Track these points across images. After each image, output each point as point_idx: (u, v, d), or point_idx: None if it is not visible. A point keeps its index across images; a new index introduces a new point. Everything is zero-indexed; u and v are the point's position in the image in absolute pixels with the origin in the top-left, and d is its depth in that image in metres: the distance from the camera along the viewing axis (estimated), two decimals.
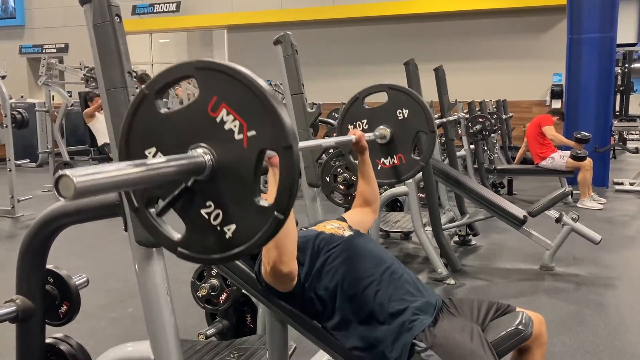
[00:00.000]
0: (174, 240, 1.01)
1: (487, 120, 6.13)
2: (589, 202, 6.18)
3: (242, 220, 0.95)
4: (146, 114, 1.00)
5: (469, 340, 1.51)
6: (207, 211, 0.98)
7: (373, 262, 1.65)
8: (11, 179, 5.74)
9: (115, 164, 0.80)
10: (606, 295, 3.49)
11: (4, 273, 3.88)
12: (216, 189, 0.96)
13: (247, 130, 0.92)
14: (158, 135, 1.00)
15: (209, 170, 0.95)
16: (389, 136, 2.25)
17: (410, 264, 4.13)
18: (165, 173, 0.89)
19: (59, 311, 1.68)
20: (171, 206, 1.00)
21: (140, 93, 1.00)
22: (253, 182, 0.94)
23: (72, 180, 0.71)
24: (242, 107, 0.92)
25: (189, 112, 0.97)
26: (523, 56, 12.71)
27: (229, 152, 0.94)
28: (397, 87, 2.30)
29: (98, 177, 0.75)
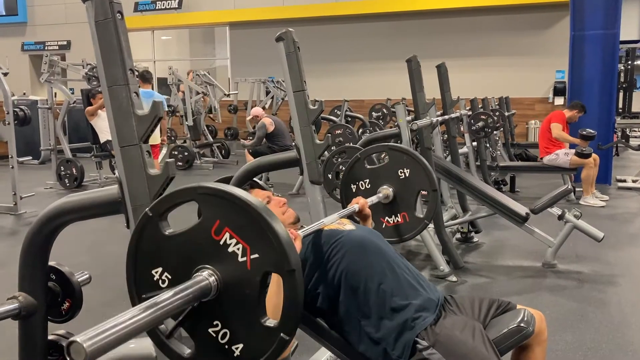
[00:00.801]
0: (184, 357, 1.02)
1: (490, 118, 6.12)
2: (592, 199, 6.17)
3: (249, 340, 0.97)
4: (151, 236, 1.03)
5: (471, 338, 1.51)
6: (214, 330, 1.00)
7: (375, 254, 1.65)
8: (13, 176, 5.75)
9: (123, 315, 0.82)
10: (608, 292, 3.49)
11: (7, 270, 3.90)
12: (223, 309, 0.98)
13: (250, 254, 0.95)
14: (164, 256, 1.02)
15: (215, 291, 0.97)
16: (391, 196, 2.27)
17: (412, 261, 4.13)
18: (173, 307, 0.91)
19: (61, 308, 1.68)
20: (180, 327, 1.02)
21: (144, 215, 1.02)
22: (258, 303, 0.96)
23: (82, 346, 0.73)
24: (245, 231, 0.95)
25: (193, 234, 1.00)
26: (526, 53, 12.69)
27: (234, 273, 0.96)
28: (397, 147, 2.34)
29: (107, 336, 0.79)
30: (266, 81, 11.95)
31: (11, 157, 5.81)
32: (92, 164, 7.73)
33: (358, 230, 1.74)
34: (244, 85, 12.28)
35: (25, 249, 1.58)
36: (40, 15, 16.42)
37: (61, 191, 7.15)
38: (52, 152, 7.79)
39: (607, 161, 7.41)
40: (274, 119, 7.29)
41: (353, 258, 1.62)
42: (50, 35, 16.12)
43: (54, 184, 7.40)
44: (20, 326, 1.62)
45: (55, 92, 7.95)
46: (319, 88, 10.37)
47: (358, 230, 1.74)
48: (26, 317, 1.59)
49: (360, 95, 12.86)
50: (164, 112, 2.13)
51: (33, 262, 1.60)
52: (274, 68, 9.32)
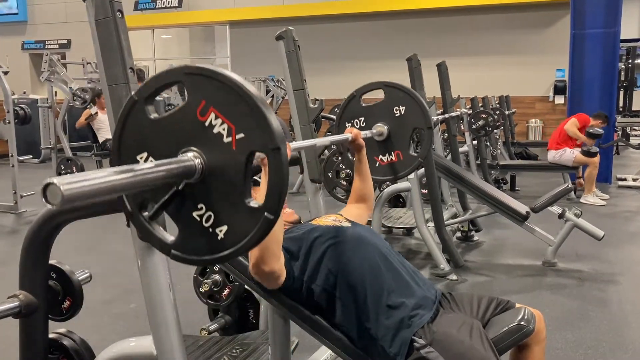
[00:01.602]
0: (167, 242, 1.02)
1: (490, 116, 6.11)
2: (592, 198, 6.17)
3: (233, 222, 0.96)
4: (137, 120, 1.02)
5: (468, 336, 1.51)
6: (198, 213, 0.99)
7: (371, 252, 1.65)
8: (14, 174, 5.75)
9: (103, 170, 0.81)
10: (609, 291, 3.49)
11: (7, 268, 3.90)
12: (207, 192, 0.97)
13: (235, 133, 0.94)
14: (149, 140, 1.01)
15: (199, 173, 0.96)
16: (386, 133, 2.26)
17: (412, 260, 4.13)
18: (154, 178, 0.90)
19: (62, 306, 1.69)
20: (163, 209, 1.01)
21: (130, 99, 1.01)
22: (243, 184, 0.95)
23: (59, 188, 0.72)
24: (230, 111, 0.94)
25: (178, 116, 0.99)
26: (526, 51, 12.67)
27: (219, 155, 0.95)
28: (393, 84, 2.31)
29: (85, 185, 0.76)
30: (266, 80, 11.94)
31: (11, 155, 5.81)
32: (93, 162, 7.74)
33: (354, 228, 1.74)
34: None
35: (25, 247, 1.59)
36: (40, 14, 16.41)
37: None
38: (52, 150, 7.79)
39: (608, 160, 7.41)
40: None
41: (349, 254, 1.62)
42: (51, 34, 16.11)
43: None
44: (21, 324, 1.62)
45: (55, 90, 7.96)
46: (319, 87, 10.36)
47: (354, 228, 1.74)
48: (27, 316, 1.59)
49: None
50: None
51: (34, 261, 1.60)
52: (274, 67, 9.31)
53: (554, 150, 6.49)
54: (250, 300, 2.55)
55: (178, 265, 1.05)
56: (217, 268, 2.43)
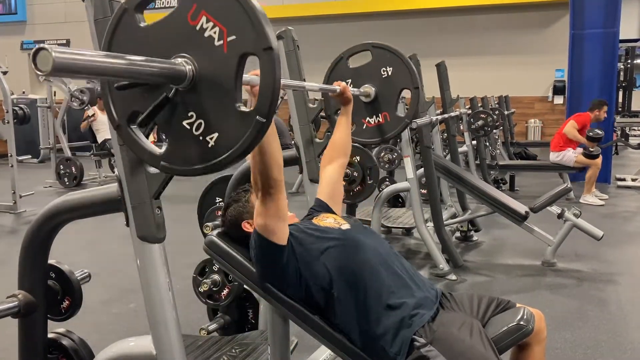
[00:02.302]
0: (157, 154, 1.00)
1: (489, 116, 6.11)
2: (591, 198, 6.18)
3: (224, 128, 0.94)
4: (127, 29, 1.00)
5: (469, 336, 1.51)
6: (189, 122, 0.97)
7: (370, 252, 1.65)
8: (13, 174, 5.74)
9: (98, 52, 0.80)
10: (608, 291, 3.49)
11: (7, 268, 3.90)
12: (197, 99, 0.95)
13: (227, 36, 0.92)
14: (140, 49, 0.98)
15: (190, 80, 0.94)
16: (373, 94, 2.26)
17: (411, 260, 4.13)
18: (144, 71, 0.88)
19: (61, 306, 1.69)
20: (152, 117, 0.98)
21: (120, 8, 0.99)
22: (234, 89, 0.93)
23: (50, 54, 0.70)
24: (222, 13, 0.91)
25: (169, 22, 0.97)
26: (525, 52, 12.68)
27: (210, 59, 0.93)
28: (381, 45, 2.31)
29: (77, 58, 0.74)
30: None
31: (11, 155, 5.80)
32: (92, 162, 7.73)
33: (353, 228, 1.75)
34: None
35: (25, 247, 1.59)
36: (39, 13, 16.40)
37: (60, 190, 7.15)
38: (51, 150, 7.79)
39: (607, 160, 7.40)
40: (274, 118, 7.27)
41: (347, 255, 1.62)
42: (50, 34, 16.10)
43: (54, 183, 7.39)
44: (20, 324, 1.62)
45: (54, 90, 7.95)
46: None
47: (353, 228, 1.75)
48: (26, 315, 1.59)
49: None
50: None
51: (33, 261, 1.60)
52: None
53: (556, 152, 6.48)
54: (249, 300, 2.55)
55: (177, 265, 1.05)
56: (217, 268, 2.42)
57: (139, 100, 0.98)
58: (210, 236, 1.77)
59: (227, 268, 1.77)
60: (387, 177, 5.21)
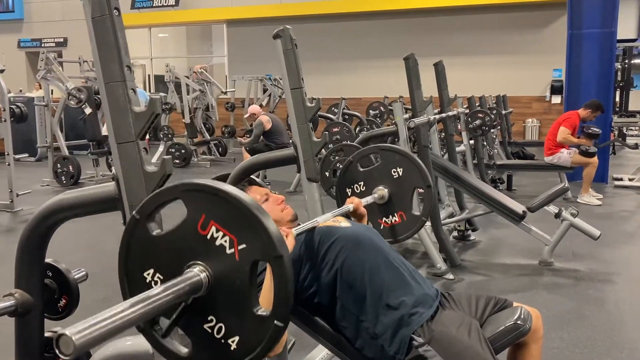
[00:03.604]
0: (182, 356, 1.03)
1: (487, 116, 6.12)
2: (588, 197, 6.18)
3: (244, 332, 0.98)
4: (140, 238, 1.03)
5: (467, 336, 1.51)
6: (209, 325, 1.00)
7: (370, 251, 1.65)
8: (10, 173, 5.73)
9: (114, 308, 0.82)
10: (605, 290, 3.50)
11: (3, 267, 3.87)
12: (216, 303, 0.99)
13: (237, 245, 0.95)
14: (154, 257, 1.02)
15: (207, 286, 0.98)
16: (387, 196, 2.26)
17: (409, 259, 4.13)
18: (164, 303, 0.91)
19: (58, 305, 1.68)
20: (174, 326, 1.02)
21: (132, 218, 1.03)
22: (249, 293, 0.96)
23: (70, 339, 0.73)
24: (230, 223, 0.95)
25: (180, 231, 1.00)
26: (523, 51, 12.70)
27: (223, 266, 0.97)
28: (387, 147, 2.33)
29: (96, 330, 0.77)
30: (263, 79, 11.93)
31: (7, 154, 5.79)
32: (89, 161, 7.72)
33: (353, 227, 1.75)
34: (242, 83, 12.26)
35: (21, 246, 1.58)
36: (36, 12, 16.36)
37: (58, 188, 7.13)
38: (48, 149, 7.76)
39: (604, 160, 7.42)
40: (271, 116, 7.28)
41: (348, 254, 1.62)
42: (47, 32, 16.07)
43: (51, 181, 7.38)
44: (16, 323, 1.62)
45: (51, 89, 7.93)
46: (316, 86, 10.36)
47: (353, 227, 1.75)
48: (23, 315, 1.58)
49: (358, 93, 12.84)
50: None
51: (29, 259, 1.59)
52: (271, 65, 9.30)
53: (549, 155, 6.45)
54: None
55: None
56: None
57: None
58: None
59: None
60: None
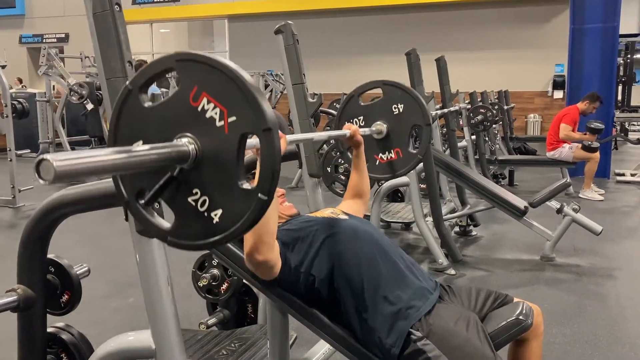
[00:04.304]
0: (164, 229, 1.03)
1: (489, 111, 6.11)
2: (590, 193, 6.18)
3: (227, 205, 0.98)
4: (131, 109, 1.03)
5: (465, 329, 1.51)
6: (194, 198, 1.00)
7: (368, 243, 1.65)
8: (12, 169, 5.74)
9: (98, 150, 0.82)
10: (606, 286, 3.50)
11: (6, 262, 3.89)
12: (201, 176, 0.99)
13: (227, 117, 0.95)
14: (144, 129, 1.02)
15: (194, 159, 0.97)
16: (385, 131, 2.26)
17: (411, 254, 4.11)
18: (148, 160, 0.91)
19: (60, 300, 1.69)
20: (158, 195, 1.02)
21: (124, 89, 1.03)
22: (236, 167, 0.96)
23: (51, 164, 0.73)
24: (222, 95, 0.95)
25: (171, 103, 1.00)
26: (525, 46, 12.66)
27: (212, 139, 0.97)
28: (391, 82, 2.31)
29: (78, 162, 0.77)
30: (265, 74, 11.92)
31: (9, 150, 5.80)
32: None
33: (351, 220, 1.75)
34: None
35: (24, 241, 1.59)
36: (38, 7, 16.35)
37: (59, 184, 7.14)
38: (50, 145, 7.78)
39: (606, 155, 7.41)
40: (273, 112, 7.27)
41: (345, 245, 1.63)
42: (49, 28, 16.06)
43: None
44: (19, 319, 1.62)
45: (53, 84, 7.94)
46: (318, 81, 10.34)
47: (351, 220, 1.75)
48: (25, 310, 1.59)
49: None
50: None
51: (32, 255, 1.60)
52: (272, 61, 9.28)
53: (551, 151, 6.44)
54: (248, 295, 2.55)
55: (176, 259, 1.05)
56: (216, 262, 2.43)
57: (145, 179, 1.02)
58: None
59: (226, 262, 1.77)
60: None
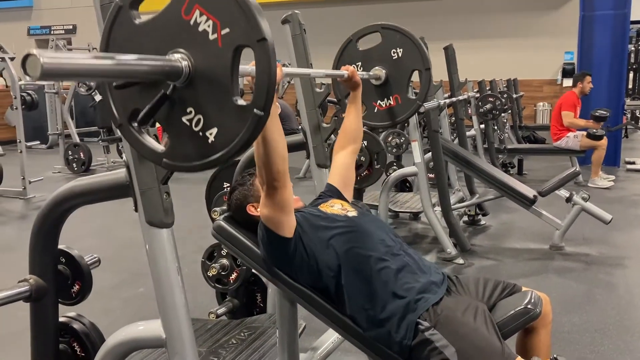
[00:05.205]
0: (159, 152, 1.01)
1: (498, 100, 6.07)
2: (600, 181, 6.13)
3: (222, 123, 0.94)
4: (122, 26, 0.99)
5: (473, 319, 1.52)
6: (188, 118, 0.97)
7: (376, 239, 1.65)
8: (22, 160, 5.78)
9: (88, 53, 0.79)
10: (616, 274, 3.48)
11: (17, 253, 3.93)
12: (195, 94, 0.95)
13: (220, 29, 0.92)
14: (136, 46, 0.98)
15: (187, 75, 0.94)
16: (384, 77, 2.22)
17: (419, 244, 4.14)
18: (138, 70, 0.88)
19: (71, 290, 1.71)
20: (152, 115, 0.98)
21: (115, 5, 0.99)
22: (231, 82, 0.93)
23: (39, 59, 0.70)
24: (215, 6, 0.92)
25: (163, 18, 0.96)
26: (534, 34, 12.53)
27: (205, 54, 0.93)
28: (390, 26, 2.26)
29: (66, 61, 0.74)
30: None
31: (19, 141, 5.84)
32: (100, 148, 7.76)
33: (359, 216, 1.75)
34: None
35: (35, 232, 1.60)
36: None
37: (69, 175, 7.19)
38: (59, 136, 7.82)
39: (616, 143, 7.35)
40: (280, 102, 7.27)
41: (353, 242, 1.63)
42: (56, 20, 16.06)
43: (62, 169, 7.43)
44: (31, 308, 1.64)
45: None
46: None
47: (359, 216, 1.75)
48: (37, 300, 1.61)
49: None
50: None
51: (43, 246, 1.61)
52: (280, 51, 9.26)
53: (557, 141, 6.40)
54: (257, 284, 2.57)
55: (186, 249, 1.05)
56: (225, 252, 2.44)
57: (138, 99, 0.98)
58: (219, 221, 1.78)
59: (235, 252, 1.78)
60: (394, 162, 5.20)
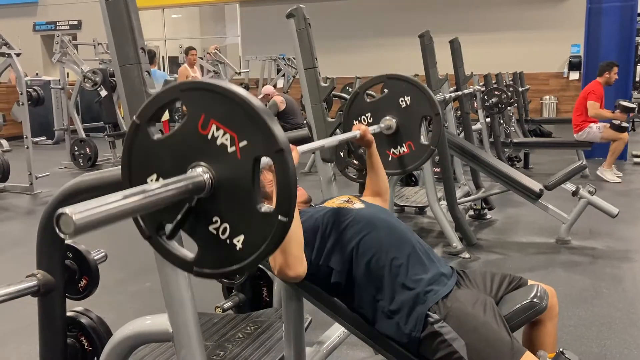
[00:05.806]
0: (189, 260, 1.03)
1: (504, 93, 6.04)
2: (610, 174, 6.06)
3: (248, 230, 0.97)
4: (141, 143, 1.02)
5: (482, 312, 1.52)
6: (214, 227, 1.00)
7: (385, 230, 1.65)
8: (28, 156, 5.81)
9: (114, 195, 0.81)
10: (622, 268, 3.47)
11: (25, 248, 3.96)
12: (220, 204, 0.99)
13: (238, 142, 0.95)
14: (156, 161, 1.02)
15: (210, 187, 0.97)
16: (394, 126, 2.23)
17: (425, 238, 4.14)
18: (165, 197, 0.90)
19: (79, 285, 1.72)
20: (179, 228, 1.02)
21: (132, 124, 1.02)
22: (253, 191, 0.96)
23: (71, 217, 0.74)
24: (230, 120, 0.94)
25: (181, 133, 1.00)
26: (540, 27, 12.46)
27: (226, 165, 0.96)
28: (394, 76, 2.28)
29: (97, 212, 0.78)
30: (277, 59, 11.87)
31: (26, 137, 5.87)
32: (106, 143, 7.79)
33: (367, 208, 1.75)
34: (255, 63, 12.21)
35: (42, 227, 1.61)
36: None
37: (75, 171, 7.22)
38: (65, 132, 7.85)
39: None
40: (285, 97, 7.26)
41: (364, 235, 1.63)
42: (61, 15, 16.09)
43: (69, 164, 7.46)
44: (39, 303, 1.65)
45: (67, 72, 7.98)
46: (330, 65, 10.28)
47: (367, 208, 1.75)
48: (45, 294, 1.62)
49: (372, 72, 12.58)
50: None
51: (50, 241, 1.62)
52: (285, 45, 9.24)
53: (578, 132, 6.30)
54: (263, 278, 2.58)
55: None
56: None
57: (164, 213, 1.01)
58: None
59: None
60: None
